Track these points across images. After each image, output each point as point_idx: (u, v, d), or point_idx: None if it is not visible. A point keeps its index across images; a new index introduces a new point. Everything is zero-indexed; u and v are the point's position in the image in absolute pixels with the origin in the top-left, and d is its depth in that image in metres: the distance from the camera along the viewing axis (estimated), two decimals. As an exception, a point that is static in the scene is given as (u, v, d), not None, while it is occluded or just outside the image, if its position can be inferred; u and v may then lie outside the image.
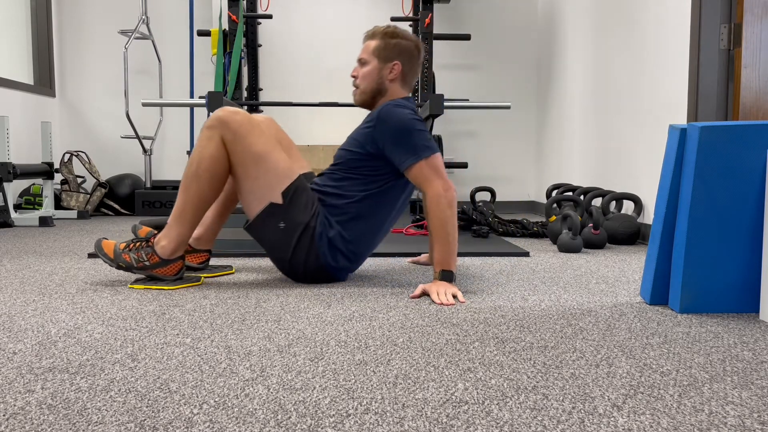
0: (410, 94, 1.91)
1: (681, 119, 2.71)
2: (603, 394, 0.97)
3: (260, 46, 4.63)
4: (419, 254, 2.40)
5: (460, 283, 1.90)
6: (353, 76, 1.90)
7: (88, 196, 4.33)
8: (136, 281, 1.81)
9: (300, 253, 1.81)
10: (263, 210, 1.79)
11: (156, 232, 1.83)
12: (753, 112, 2.39)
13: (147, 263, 1.78)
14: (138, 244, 1.80)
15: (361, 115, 4.87)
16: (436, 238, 1.71)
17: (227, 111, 1.77)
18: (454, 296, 1.65)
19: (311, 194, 1.83)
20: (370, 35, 1.87)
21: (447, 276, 1.70)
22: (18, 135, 4.35)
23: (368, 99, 1.89)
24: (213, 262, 2.25)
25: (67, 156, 4.37)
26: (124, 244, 1.81)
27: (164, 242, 1.77)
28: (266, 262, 2.31)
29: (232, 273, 2.08)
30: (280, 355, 1.16)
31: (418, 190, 1.88)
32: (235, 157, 1.77)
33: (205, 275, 2.02)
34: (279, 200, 1.78)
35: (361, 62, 1.88)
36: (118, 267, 1.79)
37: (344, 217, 1.81)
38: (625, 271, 2.16)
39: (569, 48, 4.22)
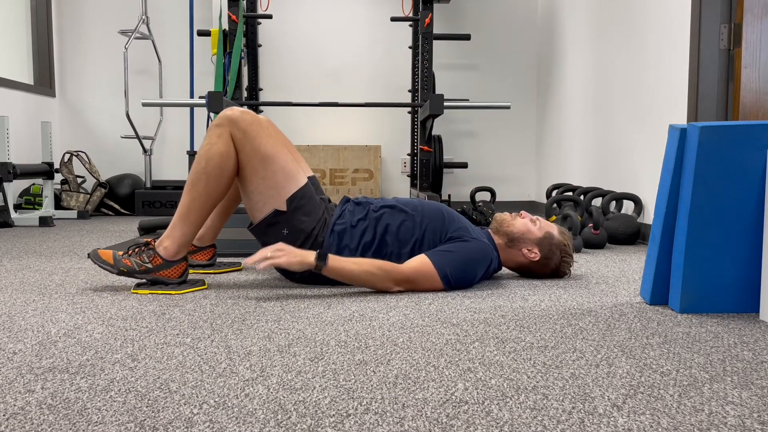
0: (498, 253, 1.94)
1: (681, 119, 2.71)
2: (603, 394, 0.97)
3: (260, 46, 4.63)
4: None
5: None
6: (523, 216, 1.95)
7: (88, 196, 4.33)
8: (139, 286, 1.75)
9: None
10: (267, 217, 1.79)
11: (152, 239, 1.81)
12: (753, 112, 2.39)
13: (149, 266, 1.73)
14: (138, 248, 1.76)
15: (362, 114, 4.89)
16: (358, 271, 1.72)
17: (236, 110, 1.77)
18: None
19: (317, 203, 1.83)
20: (561, 231, 1.95)
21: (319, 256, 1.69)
22: (18, 135, 4.35)
23: (503, 234, 1.92)
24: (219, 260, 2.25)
25: (67, 156, 4.37)
26: (122, 251, 1.78)
27: (167, 243, 1.73)
28: (266, 262, 2.31)
29: (240, 270, 2.11)
30: (280, 355, 1.16)
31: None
32: (244, 155, 1.76)
33: (213, 271, 2.04)
34: (283, 207, 1.78)
35: (533, 222, 1.94)
36: (120, 273, 1.73)
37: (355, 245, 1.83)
38: (625, 271, 2.16)
39: (569, 48, 4.22)
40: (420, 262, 1.75)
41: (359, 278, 1.71)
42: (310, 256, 1.66)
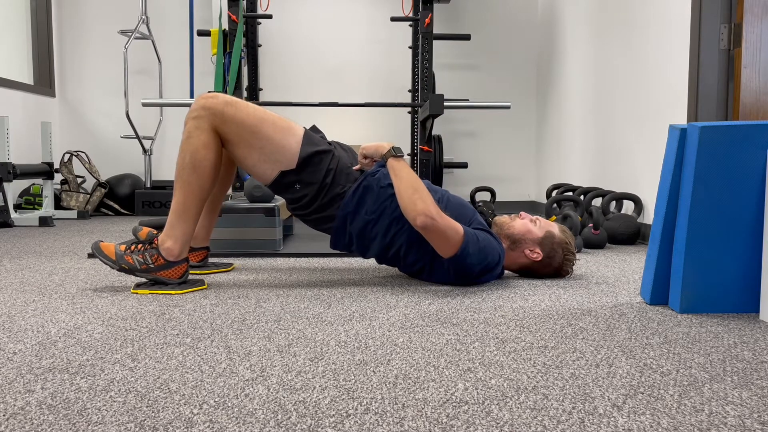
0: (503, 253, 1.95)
1: (681, 119, 2.71)
2: (603, 394, 0.97)
3: (260, 46, 4.62)
4: None
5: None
6: (522, 216, 1.98)
7: (88, 196, 4.33)
8: (139, 285, 1.74)
9: (315, 206, 1.85)
10: (276, 179, 1.82)
11: (157, 232, 1.80)
12: (753, 112, 2.39)
13: (152, 265, 1.72)
14: (141, 246, 1.74)
15: (361, 114, 4.89)
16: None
17: (207, 98, 1.76)
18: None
19: (321, 152, 1.84)
20: (562, 229, 1.97)
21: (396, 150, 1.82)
22: (18, 135, 4.35)
23: (504, 236, 1.95)
24: (212, 260, 2.25)
25: (67, 156, 4.37)
26: (125, 245, 1.76)
27: (169, 243, 1.72)
28: (266, 261, 2.31)
29: (230, 270, 2.09)
30: (280, 355, 1.16)
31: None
32: (233, 137, 1.76)
33: (203, 272, 2.03)
34: (287, 167, 1.80)
35: (533, 221, 1.96)
36: (121, 269, 1.73)
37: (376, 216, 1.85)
38: (625, 271, 2.16)
39: (569, 48, 4.22)
40: (456, 222, 1.76)
41: (414, 184, 1.74)
42: (387, 147, 1.82)
